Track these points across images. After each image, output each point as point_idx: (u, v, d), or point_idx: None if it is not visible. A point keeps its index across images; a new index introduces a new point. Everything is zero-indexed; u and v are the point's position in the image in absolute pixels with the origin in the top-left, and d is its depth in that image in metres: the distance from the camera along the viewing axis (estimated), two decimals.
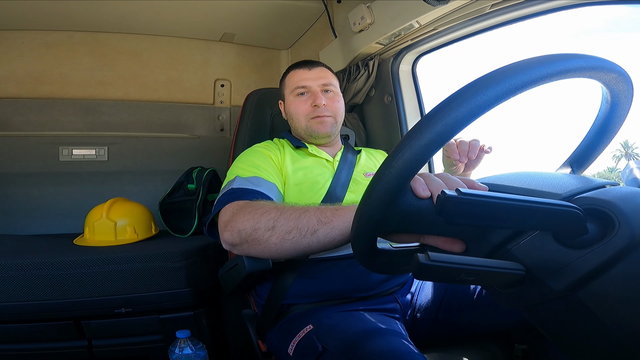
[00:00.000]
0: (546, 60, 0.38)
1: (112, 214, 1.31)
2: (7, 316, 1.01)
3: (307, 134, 1.06)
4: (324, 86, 1.06)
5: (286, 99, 1.10)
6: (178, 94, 1.91)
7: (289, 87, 1.09)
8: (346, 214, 0.65)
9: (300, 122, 1.06)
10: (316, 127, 1.04)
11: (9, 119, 1.66)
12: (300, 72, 1.08)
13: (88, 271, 1.04)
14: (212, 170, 1.61)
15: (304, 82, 1.06)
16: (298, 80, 1.07)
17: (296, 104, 1.06)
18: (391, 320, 0.83)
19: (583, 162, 0.55)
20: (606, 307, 0.37)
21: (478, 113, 0.36)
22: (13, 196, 1.64)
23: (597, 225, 0.38)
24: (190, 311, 1.15)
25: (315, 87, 1.05)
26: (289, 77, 1.10)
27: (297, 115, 1.06)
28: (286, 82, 1.11)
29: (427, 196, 0.43)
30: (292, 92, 1.07)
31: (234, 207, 0.79)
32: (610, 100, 0.47)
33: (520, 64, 0.37)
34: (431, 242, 0.47)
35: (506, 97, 0.36)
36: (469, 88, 0.37)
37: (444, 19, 1.15)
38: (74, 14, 1.60)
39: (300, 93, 1.06)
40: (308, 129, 1.05)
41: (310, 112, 1.04)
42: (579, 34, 40.13)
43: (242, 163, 0.95)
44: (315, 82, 1.06)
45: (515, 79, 0.36)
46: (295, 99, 1.07)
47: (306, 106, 1.05)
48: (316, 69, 1.08)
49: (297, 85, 1.06)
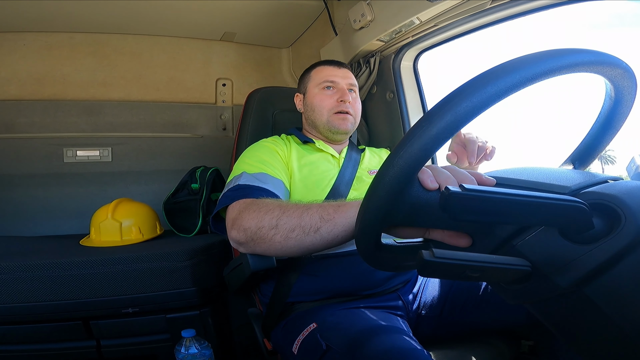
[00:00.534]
0: (557, 53, 0.38)
1: (117, 215, 1.31)
2: (16, 317, 1.02)
3: (325, 128, 1.07)
4: (350, 86, 1.09)
5: (309, 92, 1.11)
6: (180, 93, 1.92)
7: (315, 80, 1.10)
8: (348, 210, 0.65)
9: (323, 115, 1.07)
10: (337, 122, 1.06)
11: (13, 120, 1.67)
12: (330, 68, 1.10)
13: (95, 271, 1.05)
14: (215, 170, 1.61)
15: (333, 78, 1.08)
16: (327, 75, 1.09)
17: (322, 97, 1.08)
18: (395, 317, 0.83)
19: (585, 159, 0.54)
20: (613, 303, 0.37)
21: (488, 104, 0.36)
22: (19, 198, 1.65)
23: (603, 220, 0.38)
24: (196, 310, 1.15)
25: (343, 84, 1.08)
26: (316, 71, 1.12)
27: (321, 108, 1.07)
28: (312, 75, 1.12)
29: (435, 188, 0.43)
30: (318, 84, 1.09)
31: (240, 205, 0.79)
32: (614, 96, 0.47)
33: (532, 56, 0.37)
34: (437, 236, 0.47)
35: (517, 88, 0.36)
36: (480, 79, 0.37)
37: (444, 15, 1.15)
38: (75, 14, 1.61)
39: (328, 87, 1.08)
40: (329, 122, 1.06)
41: (335, 106, 1.06)
42: (582, 28, 39.48)
43: (249, 158, 0.95)
44: (344, 81, 1.09)
45: (526, 71, 0.36)
46: (321, 92, 1.08)
47: (332, 100, 1.06)
48: (344, 69, 1.11)
49: (326, 80, 1.08)
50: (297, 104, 1.16)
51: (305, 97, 1.13)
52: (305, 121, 1.13)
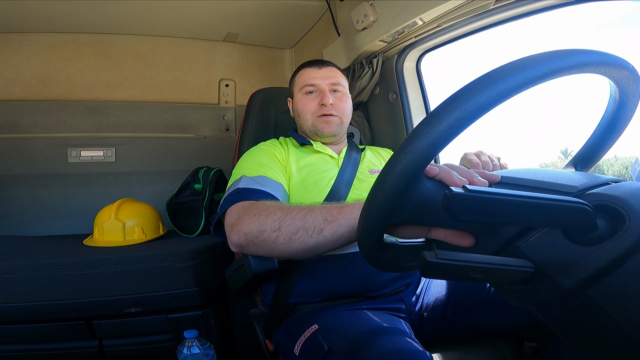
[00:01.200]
0: (566, 53, 0.38)
1: (120, 215, 1.32)
2: (19, 317, 1.02)
3: (312, 132, 1.07)
4: (333, 85, 1.07)
5: (295, 97, 1.11)
6: (183, 94, 1.92)
7: (298, 84, 1.10)
8: (352, 210, 0.65)
9: (307, 120, 1.06)
10: (321, 125, 1.05)
11: (17, 121, 1.68)
12: (311, 70, 1.09)
13: (98, 271, 1.05)
14: (218, 170, 1.62)
15: (313, 81, 1.07)
16: (307, 79, 1.08)
17: (304, 102, 1.07)
18: (396, 319, 0.83)
19: (587, 162, 0.54)
20: (617, 304, 0.37)
21: (496, 102, 0.36)
22: (23, 198, 1.66)
23: (607, 221, 0.38)
24: (198, 310, 1.16)
25: (324, 85, 1.06)
26: (299, 75, 1.12)
27: (304, 113, 1.07)
28: (296, 79, 1.12)
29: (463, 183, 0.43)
30: (300, 89, 1.08)
31: (239, 209, 0.79)
32: (618, 99, 0.47)
33: (541, 55, 0.37)
34: (439, 235, 0.47)
35: (525, 87, 0.36)
36: (489, 76, 0.37)
37: (447, 16, 1.14)
38: (79, 15, 1.62)
39: (309, 91, 1.07)
40: (314, 127, 1.06)
41: (317, 110, 1.05)
42: (586, 28, 39.65)
43: (248, 162, 0.96)
44: (325, 81, 1.07)
45: (535, 69, 0.36)
46: (303, 97, 1.08)
47: (314, 104, 1.06)
48: (326, 68, 1.09)
49: (306, 83, 1.07)
50: (289, 109, 1.16)
51: (292, 102, 1.13)
52: (297, 125, 1.13)
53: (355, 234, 0.63)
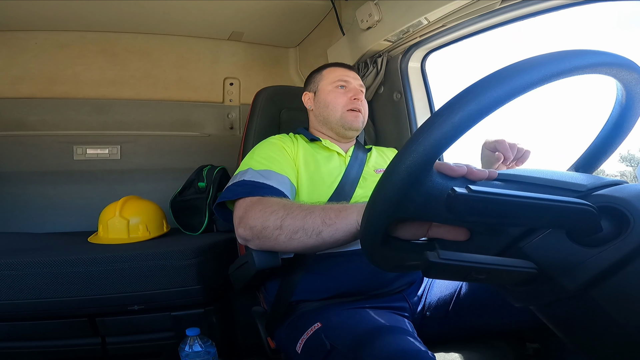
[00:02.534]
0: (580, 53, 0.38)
1: (125, 212, 1.32)
2: (23, 314, 1.03)
3: (339, 124, 1.09)
4: (360, 87, 1.14)
5: (322, 89, 1.14)
6: (188, 92, 1.93)
7: (328, 79, 1.14)
8: (349, 216, 0.67)
9: (337, 112, 1.09)
10: (350, 118, 1.09)
11: (24, 118, 1.70)
12: (342, 69, 1.15)
13: (102, 269, 1.06)
14: (222, 169, 1.62)
15: (347, 78, 1.12)
16: (341, 75, 1.13)
17: (336, 94, 1.11)
18: (399, 318, 0.83)
19: (590, 166, 0.54)
20: (620, 306, 0.37)
21: (510, 97, 0.36)
22: (29, 194, 1.68)
23: (611, 223, 0.38)
24: (201, 308, 1.16)
25: (355, 84, 1.13)
26: (328, 71, 1.16)
27: (335, 104, 1.10)
28: (324, 74, 1.16)
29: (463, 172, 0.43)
30: (332, 83, 1.12)
31: (247, 203, 0.82)
32: (624, 102, 0.46)
33: (556, 54, 0.38)
34: (437, 233, 0.47)
35: (539, 84, 0.36)
36: (505, 71, 0.37)
37: (453, 16, 1.14)
38: (85, 14, 1.63)
39: (341, 86, 1.12)
40: (342, 119, 1.09)
41: (348, 103, 1.09)
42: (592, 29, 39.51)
43: (257, 155, 0.97)
44: (355, 82, 1.13)
45: (550, 67, 0.36)
46: (334, 90, 1.11)
47: (346, 98, 1.10)
48: (353, 72, 1.16)
49: (340, 79, 1.12)
50: (305, 102, 1.18)
51: (316, 95, 1.15)
52: (315, 118, 1.14)
53: (353, 236, 0.67)
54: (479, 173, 0.44)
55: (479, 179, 0.44)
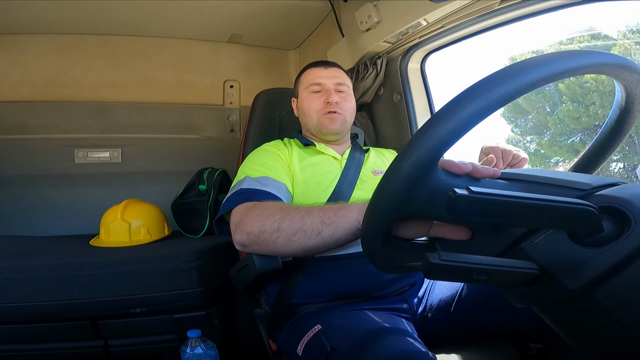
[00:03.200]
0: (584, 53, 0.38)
1: (126, 215, 1.33)
2: (25, 316, 1.03)
3: (317, 130, 1.08)
4: (338, 85, 1.09)
5: (300, 95, 1.13)
6: (188, 95, 1.93)
7: (304, 83, 1.12)
8: (349, 214, 0.66)
9: (312, 118, 1.08)
10: (326, 123, 1.06)
11: (25, 122, 1.70)
12: (317, 70, 1.11)
13: (104, 272, 1.06)
14: (222, 171, 1.62)
15: (319, 80, 1.09)
16: (314, 78, 1.10)
17: (309, 100, 1.09)
18: (400, 319, 0.83)
19: (589, 167, 0.54)
20: (623, 306, 0.37)
21: (517, 94, 0.36)
22: (31, 198, 1.68)
23: (613, 223, 0.38)
24: (202, 311, 1.16)
25: (329, 85, 1.08)
26: (304, 74, 1.13)
27: (310, 110, 1.08)
28: (302, 79, 1.14)
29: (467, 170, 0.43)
30: (306, 88, 1.10)
31: (243, 209, 0.81)
32: (624, 104, 0.46)
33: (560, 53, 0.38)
34: (439, 232, 0.47)
35: (543, 82, 0.37)
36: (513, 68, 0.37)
37: (452, 17, 1.14)
38: (85, 17, 1.63)
39: (315, 90, 1.09)
40: (319, 124, 1.07)
41: (322, 108, 1.07)
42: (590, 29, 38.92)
43: (252, 162, 0.97)
44: (330, 81, 1.09)
45: (553, 66, 0.37)
46: (309, 95, 1.09)
47: (319, 102, 1.07)
48: (331, 68, 1.11)
49: (313, 82, 1.09)
50: (294, 108, 1.18)
51: (297, 102, 1.15)
52: (302, 125, 1.14)
53: (353, 235, 0.66)
54: (484, 171, 0.44)
55: (483, 176, 0.44)
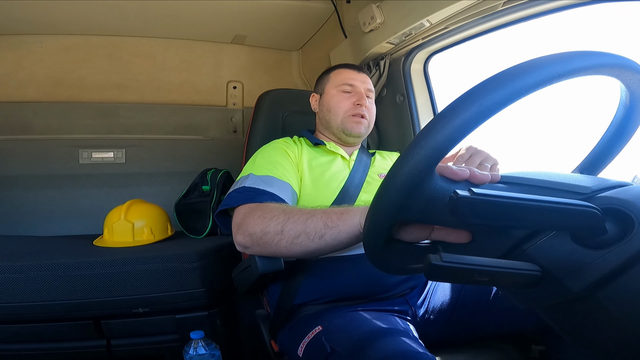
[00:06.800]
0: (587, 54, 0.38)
1: (130, 216, 1.33)
2: (29, 316, 1.04)
3: (339, 129, 1.08)
4: (368, 91, 1.10)
5: (327, 92, 1.12)
6: (192, 96, 1.94)
7: (334, 81, 1.12)
8: (352, 217, 0.66)
9: (337, 116, 1.08)
10: (351, 124, 1.07)
11: (30, 122, 1.71)
12: (349, 72, 1.12)
13: (107, 272, 1.06)
14: (225, 172, 1.63)
15: (352, 82, 1.09)
16: (347, 78, 1.10)
17: (339, 98, 1.09)
18: (401, 321, 0.83)
19: (594, 168, 0.54)
20: (626, 308, 0.36)
21: (513, 99, 0.36)
22: (35, 198, 1.69)
23: (616, 225, 0.37)
24: (205, 311, 1.16)
25: (361, 88, 1.09)
26: (335, 73, 1.13)
27: (338, 109, 1.08)
28: (331, 76, 1.13)
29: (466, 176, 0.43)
30: (337, 86, 1.10)
31: (245, 210, 0.81)
32: (628, 104, 0.46)
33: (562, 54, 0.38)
34: (440, 236, 0.47)
35: (541, 85, 0.36)
36: (508, 73, 0.37)
37: (455, 18, 1.14)
38: (90, 17, 1.64)
39: (347, 90, 1.09)
40: (342, 124, 1.07)
41: (351, 109, 1.07)
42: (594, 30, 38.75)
43: (260, 159, 0.97)
44: (362, 85, 1.10)
45: (556, 68, 0.36)
46: (338, 94, 1.09)
47: (348, 102, 1.08)
48: (362, 74, 1.13)
49: (345, 82, 1.09)
50: (312, 104, 1.17)
51: (322, 98, 1.14)
52: (319, 122, 1.14)
53: (356, 239, 0.66)
54: (482, 177, 0.44)
55: (482, 182, 0.44)
